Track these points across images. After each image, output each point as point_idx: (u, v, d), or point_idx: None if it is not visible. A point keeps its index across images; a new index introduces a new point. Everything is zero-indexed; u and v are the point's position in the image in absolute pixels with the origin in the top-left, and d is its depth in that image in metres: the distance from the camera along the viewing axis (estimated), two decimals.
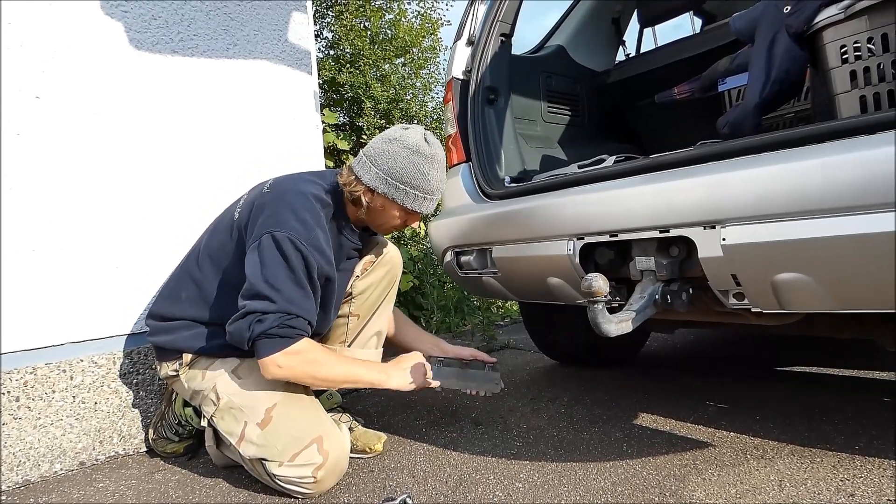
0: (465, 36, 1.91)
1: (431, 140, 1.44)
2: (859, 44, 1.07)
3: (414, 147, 1.39)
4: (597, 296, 1.07)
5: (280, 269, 1.28)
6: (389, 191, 1.39)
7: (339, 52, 5.78)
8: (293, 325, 1.28)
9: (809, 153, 0.98)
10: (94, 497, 1.40)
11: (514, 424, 1.71)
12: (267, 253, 1.29)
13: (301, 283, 1.31)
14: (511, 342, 2.95)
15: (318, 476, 1.27)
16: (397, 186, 1.39)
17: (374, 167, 1.39)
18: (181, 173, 1.82)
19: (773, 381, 1.96)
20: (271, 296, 1.26)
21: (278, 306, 1.26)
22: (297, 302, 1.29)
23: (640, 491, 1.23)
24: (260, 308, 1.26)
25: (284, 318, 1.27)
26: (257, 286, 1.27)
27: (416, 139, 1.40)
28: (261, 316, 1.26)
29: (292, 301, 1.28)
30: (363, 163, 1.41)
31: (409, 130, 1.42)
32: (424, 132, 1.44)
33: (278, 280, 1.28)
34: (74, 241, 1.62)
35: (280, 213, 1.34)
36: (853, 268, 0.95)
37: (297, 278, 1.30)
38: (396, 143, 1.39)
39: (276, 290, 1.27)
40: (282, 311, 1.26)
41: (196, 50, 1.88)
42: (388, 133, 1.43)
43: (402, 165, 1.38)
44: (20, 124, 1.54)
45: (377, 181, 1.38)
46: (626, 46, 2.66)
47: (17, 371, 1.51)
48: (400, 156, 1.38)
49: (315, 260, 1.32)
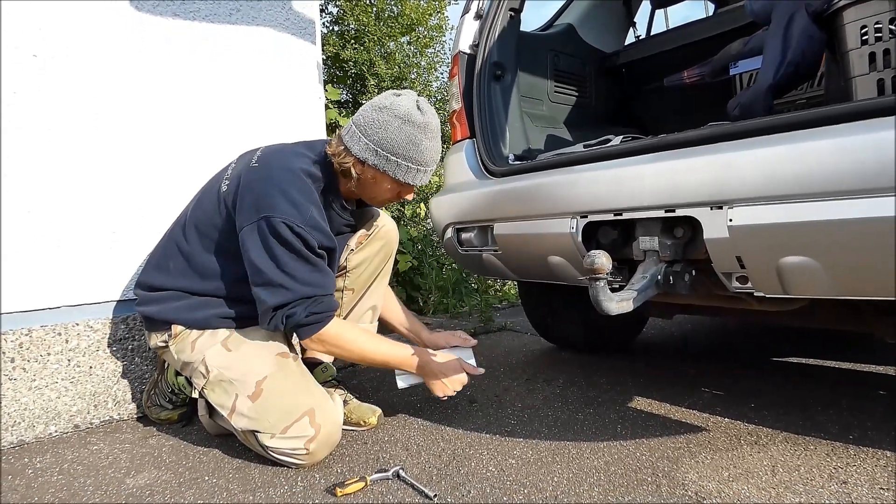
0: (473, 9, 1.87)
1: (424, 107, 1.36)
2: (881, 24, 1.05)
3: (405, 115, 1.32)
4: (599, 273, 1.06)
5: (285, 255, 1.28)
6: (380, 162, 1.34)
7: (343, 28, 5.71)
8: (319, 310, 1.31)
9: (821, 134, 0.96)
10: (88, 459, 1.40)
11: (508, 403, 1.71)
12: (267, 240, 1.27)
13: (310, 261, 1.31)
14: (508, 324, 2.95)
15: (311, 448, 1.27)
16: (388, 158, 1.33)
17: (363, 137, 1.33)
18: (179, 141, 1.80)
19: (769, 370, 1.96)
20: (286, 283, 1.27)
21: (296, 293, 1.27)
22: (313, 282, 1.30)
23: (632, 471, 1.23)
24: (282, 301, 1.28)
25: (310, 305, 1.29)
26: (269, 274, 1.27)
27: (408, 106, 1.33)
28: (288, 311, 1.29)
29: (308, 283, 1.29)
30: (352, 132, 1.35)
31: (401, 97, 1.35)
32: (417, 98, 1.37)
33: (288, 266, 1.27)
34: (71, 205, 1.60)
35: (271, 195, 1.30)
36: (860, 253, 0.94)
37: (305, 258, 1.30)
38: (387, 112, 1.32)
39: (289, 277, 1.27)
40: (303, 296, 1.28)
41: (198, 14, 1.84)
42: (378, 100, 1.36)
43: (393, 136, 1.32)
44: (17, 83, 1.51)
45: (367, 152, 1.33)
46: (637, 28, 2.62)
47: (12, 332, 1.50)
48: (391, 125, 1.32)
49: (315, 238, 1.30)
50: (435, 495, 1.14)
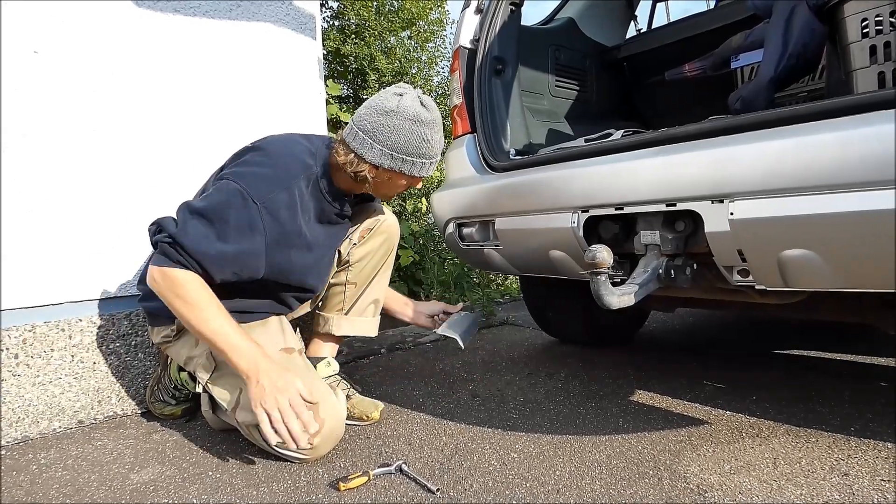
0: (473, 4, 1.87)
1: (428, 103, 1.37)
2: (881, 17, 1.04)
3: (415, 117, 1.33)
4: (600, 267, 1.06)
5: (210, 208, 1.25)
6: (396, 165, 1.35)
7: (344, 23, 5.69)
8: (173, 252, 1.24)
9: (822, 128, 0.95)
10: (93, 455, 1.41)
11: (510, 397, 1.71)
12: (214, 193, 1.28)
13: (223, 235, 1.25)
14: (510, 318, 2.95)
15: (314, 443, 1.27)
16: (404, 160, 1.35)
17: (375, 143, 1.33)
18: (180, 136, 1.80)
19: (770, 364, 1.96)
20: (180, 220, 1.26)
21: (175, 233, 1.23)
22: (195, 240, 1.23)
23: (634, 464, 1.23)
24: (164, 224, 1.26)
25: (172, 244, 1.24)
26: (181, 208, 1.28)
27: (415, 108, 1.34)
28: (158, 228, 1.27)
29: (189, 235, 1.23)
30: (361, 139, 1.34)
31: (404, 97, 1.34)
32: (419, 95, 1.38)
33: (199, 215, 1.25)
34: (74, 200, 1.60)
35: (248, 165, 1.33)
36: (861, 246, 0.94)
37: (223, 230, 1.25)
38: (396, 116, 1.32)
39: (187, 218, 1.25)
40: (174, 237, 1.23)
41: (198, 10, 1.83)
42: (380, 102, 1.35)
43: (407, 138, 1.33)
44: (18, 79, 1.51)
45: (382, 158, 1.34)
46: (638, 21, 2.61)
47: (16, 328, 1.51)
48: (402, 128, 1.32)
49: (262, 220, 1.28)
50: (437, 489, 1.15)
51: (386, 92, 1.38)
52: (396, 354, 2.32)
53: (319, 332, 1.69)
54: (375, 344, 2.39)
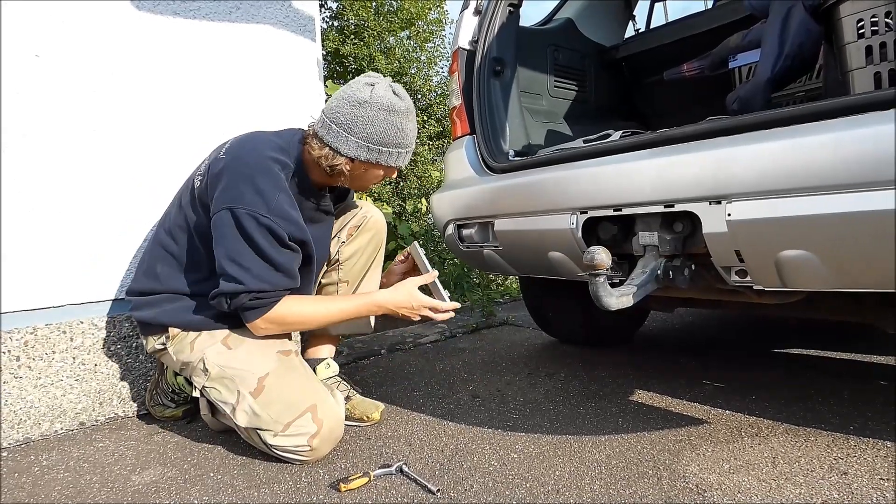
0: (472, 5, 1.87)
1: (400, 92, 1.37)
2: (877, 18, 1.05)
3: (389, 107, 1.32)
4: (599, 269, 1.06)
5: (242, 247, 1.27)
6: (373, 156, 1.35)
7: (342, 23, 5.70)
8: (264, 298, 1.30)
9: (819, 129, 0.96)
10: (94, 456, 1.42)
11: (510, 397, 1.72)
12: (228, 230, 1.27)
13: (269, 258, 1.29)
14: (510, 318, 2.96)
15: (314, 444, 1.28)
16: (381, 150, 1.34)
17: (351, 136, 1.32)
18: (181, 136, 1.80)
19: (769, 363, 1.96)
20: (239, 276, 1.27)
21: (247, 286, 1.27)
22: (267, 278, 1.29)
23: (634, 464, 1.24)
24: (230, 290, 1.28)
25: (255, 296, 1.29)
26: (225, 266, 1.28)
27: (388, 97, 1.32)
28: (232, 297, 1.29)
29: (262, 278, 1.28)
30: (336, 133, 1.33)
31: (377, 87, 1.33)
32: (390, 84, 1.37)
33: (245, 258, 1.27)
34: (75, 203, 1.61)
35: (236, 184, 1.29)
36: (859, 246, 0.94)
37: (264, 254, 1.28)
38: (369, 107, 1.31)
39: (243, 269, 1.27)
40: (251, 290, 1.27)
41: (198, 12, 1.84)
42: (352, 93, 1.33)
43: (381, 128, 1.32)
44: (20, 83, 1.51)
45: (359, 150, 1.33)
46: (636, 21, 2.61)
47: (17, 331, 1.51)
48: (376, 119, 1.31)
49: (283, 228, 1.29)
50: (438, 490, 1.15)
51: (356, 82, 1.37)
52: (396, 355, 2.33)
53: (316, 332, 1.69)
54: (375, 345, 2.40)
